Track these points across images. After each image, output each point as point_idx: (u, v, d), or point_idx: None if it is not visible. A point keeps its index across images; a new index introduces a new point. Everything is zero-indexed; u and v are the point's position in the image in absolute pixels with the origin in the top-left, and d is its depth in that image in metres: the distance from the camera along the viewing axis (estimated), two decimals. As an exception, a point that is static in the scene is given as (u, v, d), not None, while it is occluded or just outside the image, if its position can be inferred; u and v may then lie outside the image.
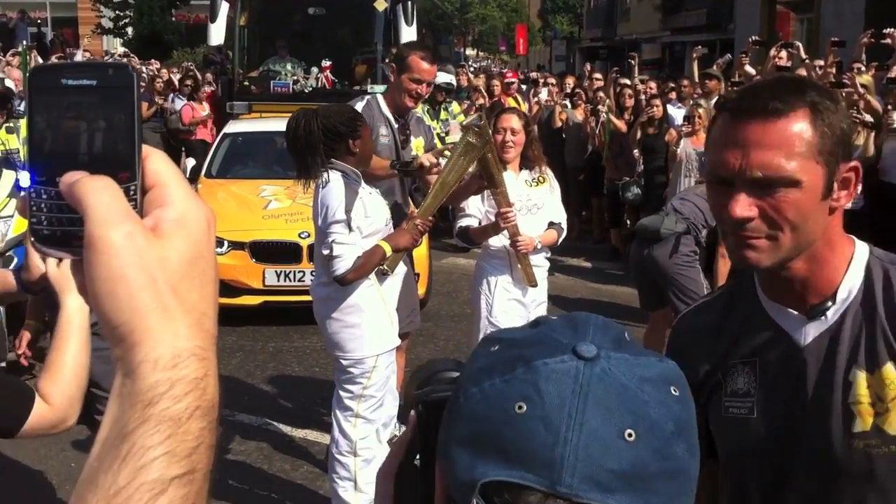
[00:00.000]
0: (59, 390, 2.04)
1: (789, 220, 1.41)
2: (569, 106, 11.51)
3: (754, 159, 1.39)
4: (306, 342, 6.65)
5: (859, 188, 6.26)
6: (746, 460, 1.57)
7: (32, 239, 0.70)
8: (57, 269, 2.05)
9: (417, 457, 0.87)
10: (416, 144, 5.01)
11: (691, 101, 9.28)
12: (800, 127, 1.40)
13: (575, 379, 0.72)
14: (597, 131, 10.41)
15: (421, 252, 6.78)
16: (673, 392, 0.75)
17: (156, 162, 0.70)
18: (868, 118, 7.58)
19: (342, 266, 3.86)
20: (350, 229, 3.88)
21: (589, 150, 11.03)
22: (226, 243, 7.19)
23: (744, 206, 1.40)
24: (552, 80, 12.11)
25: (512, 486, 0.71)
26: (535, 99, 12.16)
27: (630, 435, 0.71)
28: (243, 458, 4.98)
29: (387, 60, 13.00)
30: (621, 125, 9.93)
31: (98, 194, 0.66)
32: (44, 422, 2.05)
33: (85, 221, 0.65)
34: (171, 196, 0.69)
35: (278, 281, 7.10)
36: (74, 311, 2.05)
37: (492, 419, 0.73)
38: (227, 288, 6.96)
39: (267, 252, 7.19)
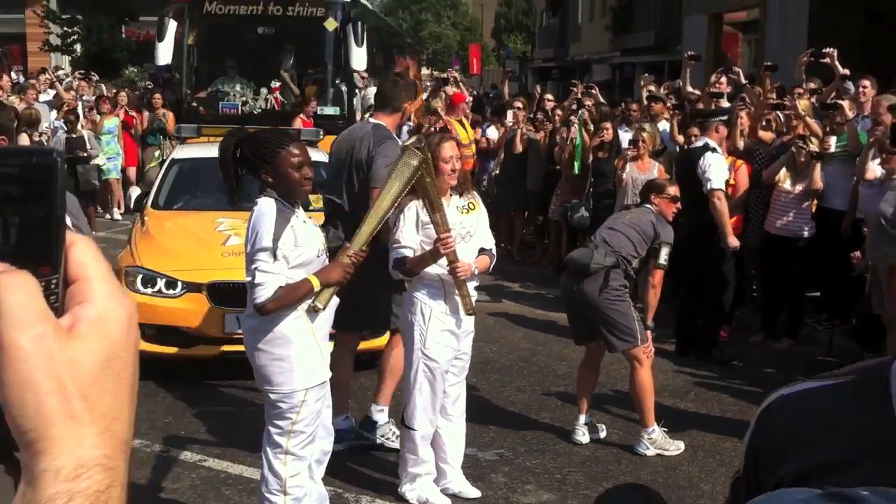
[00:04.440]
0: None
1: None
2: (533, 129, 11.57)
3: None
4: (246, 375, 6.41)
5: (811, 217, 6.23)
6: None
7: None
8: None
9: None
10: None
11: (636, 125, 9.34)
12: None
13: None
14: (567, 142, 10.35)
15: None
16: None
17: (80, 253, 0.68)
18: (815, 148, 7.67)
19: (263, 294, 3.79)
20: (275, 258, 3.82)
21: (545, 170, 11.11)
22: (180, 284, 6.52)
23: None
24: (518, 104, 12.14)
25: None
26: (503, 122, 12.25)
27: None
28: (176, 497, 4.85)
29: (336, 81, 12.99)
30: (589, 141, 9.91)
31: (11, 293, 0.63)
32: None
33: None
34: (93, 293, 0.67)
35: (240, 327, 5.98)
36: None
37: None
38: (182, 336, 6.53)
39: (228, 294, 6.33)
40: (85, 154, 12.50)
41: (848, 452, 1.17)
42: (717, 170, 7.26)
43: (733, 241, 7.28)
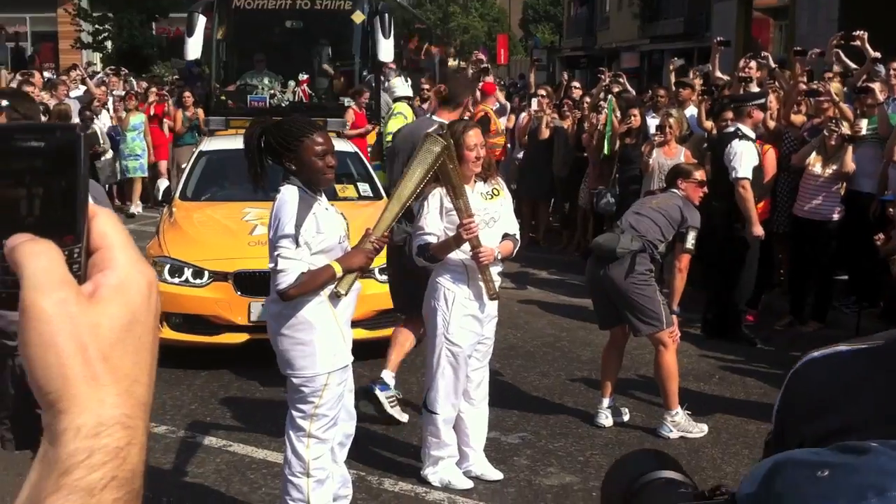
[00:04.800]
0: None
1: None
2: (557, 117, 11.54)
3: None
4: (271, 363, 6.47)
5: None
6: None
7: None
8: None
9: None
10: None
11: (663, 111, 9.28)
12: None
13: None
14: (597, 128, 10.34)
15: None
16: None
17: (101, 223, 0.71)
18: (847, 131, 7.58)
19: (285, 281, 3.84)
20: (297, 244, 3.86)
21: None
22: (206, 273, 6.58)
23: None
24: (542, 92, 12.12)
25: None
26: (528, 110, 12.19)
27: None
28: (201, 481, 4.92)
29: (364, 74, 13.04)
30: (620, 127, 9.89)
31: (35, 259, 0.66)
32: None
33: (21, 287, 0.65)
34: (114, 260, 0.69)
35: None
36: None
37: None
38: (207, 325, 6.58)
39: (254, 283, 6.37)
40: (98, 149, 12.68)
41: (872, 415, 1.16)
42: (745, 158, 7.21)
43: (758, 230, 7.23)
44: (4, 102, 5.20)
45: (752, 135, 7.47)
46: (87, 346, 0.65)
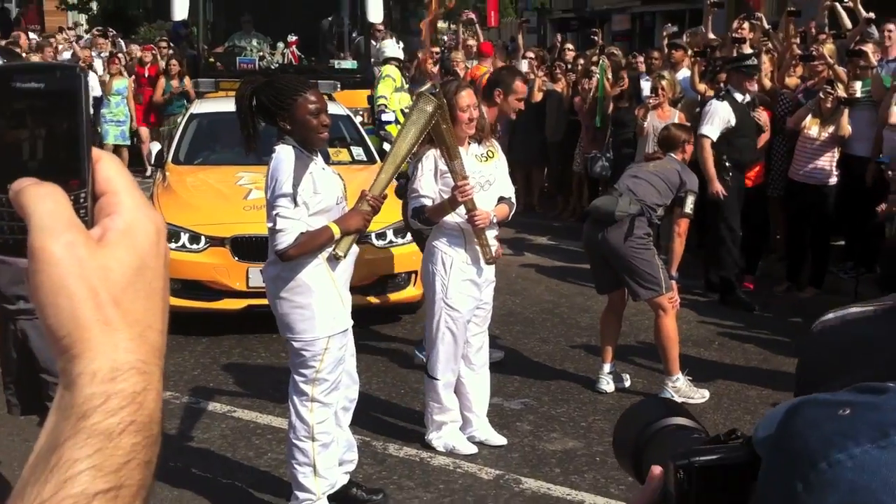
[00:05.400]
0: None
1: None
2: (549, 80, 11.45)
3: None
4: (273, 328, 6.43)
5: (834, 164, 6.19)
6: None
7: None
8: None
9: None
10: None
11: (656, 73, 9.23)
12: None
13: None
14: (590, 94, 10.31)
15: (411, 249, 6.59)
16: None
17: (106, 168, 0.69)
18: (843, 94, 7.55)
19: (284, 241, 3.80)
20: (296, 203, 3.81)
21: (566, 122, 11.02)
22: (203, 239, 6.51)
23: None
24: (531, 54, 12.03)
25: None
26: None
27: None
28: (206, 446, 4.92)
29: (354, 35, 12.89)
30: (610, 90, 9.87)
31: (41, 202, 0.65)
32: None
33: (28, 231, 0.65)
34: (121, 205, 0.68)
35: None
36: None
37: (871, 489, 0.67)
38: (206, 290, 6.53)
39: (251, 248, 6.34)
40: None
41: (886, 374, 1.19)
42: (716, 118, 7.31)
43: (716, 187, 7.28)
44: None
45: (742, 98, 7.46)
46: (98, 290, 0.64)
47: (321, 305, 3.94)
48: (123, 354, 0.64)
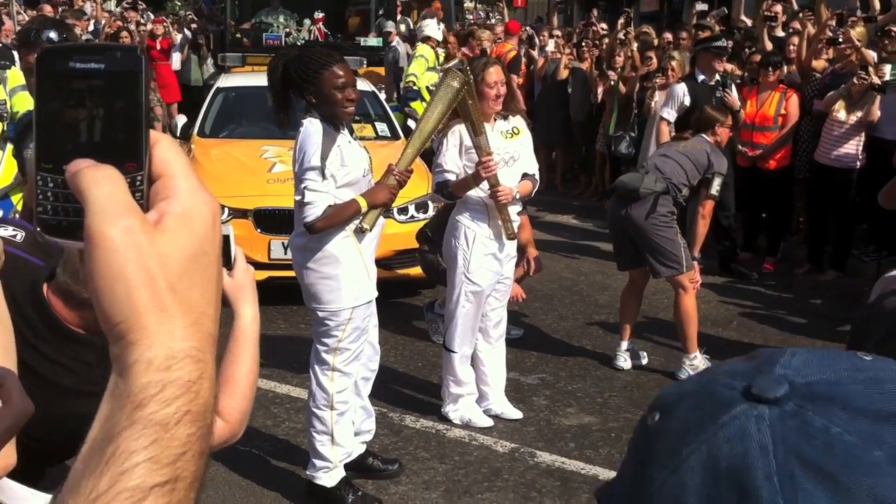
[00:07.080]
0: (234, 405, 1.88)
1: None
2: (575, 58, 11.40)
3: None
4: (293, 300, 6.53)
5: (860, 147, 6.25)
6: None
7: (38, 228, 0.68)
8: (231, 280, 1.91)
9: None
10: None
11: (667, 54, 9.18)
12: None
13: None
14: (618, 72, 10.34)
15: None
16: None
17: (164, 150, 0.68)
18: (877, 80, 7.47)
19: (312, 213, 3.84)
20: (324, 177, 3.84)
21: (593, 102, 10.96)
22: (226, 210, 6.43)
23: None
24: (558, 32, 11.96)
25: None
26: (542, 52, 12.04)
27: None
28: (225, 413, 4.98)
29: (380, 12, 12.87)
30: (640, 69, 9.87)
31: (99, 185, 0.63)
32: (219, 438, 1.89)
33: (85, 214, 0.63)
34: (177, 188, 0.67)
35: (286, 254, 5.76)
36: (249, 323, 1.90)
37: None
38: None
39: (273, 221, 6.43)
40: None
41: None
42: (671, 100, 7.60)
43: None
44: (53, 34, 5.15)
45: (705, 79, 7.62)
46: (155, 277, 0.63)
47: (348, 277, 3.98)
48: (179, 342, 0.63)
